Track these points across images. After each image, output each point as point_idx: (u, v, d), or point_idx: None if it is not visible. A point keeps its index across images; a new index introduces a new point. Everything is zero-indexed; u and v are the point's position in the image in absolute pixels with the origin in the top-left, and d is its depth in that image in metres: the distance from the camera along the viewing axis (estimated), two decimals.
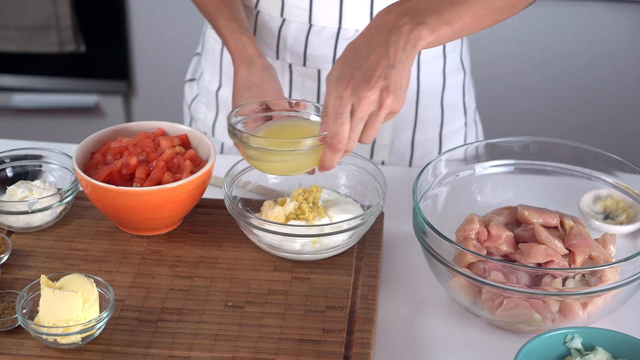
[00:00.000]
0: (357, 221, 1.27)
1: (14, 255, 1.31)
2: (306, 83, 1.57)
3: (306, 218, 1.30)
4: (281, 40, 1.55)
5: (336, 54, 1.54)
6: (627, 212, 1.38)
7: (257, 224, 1.26)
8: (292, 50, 1.55)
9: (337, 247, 1.29)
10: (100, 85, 2.95)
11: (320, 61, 1.55)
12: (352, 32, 1.52)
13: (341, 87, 1.15)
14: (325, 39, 1.53)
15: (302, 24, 1.53)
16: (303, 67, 1.56)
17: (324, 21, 1.52)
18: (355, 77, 1.15)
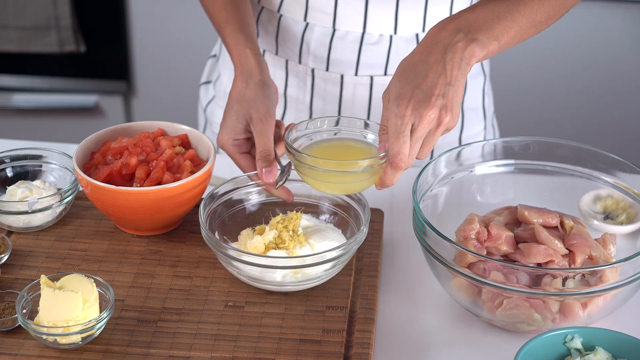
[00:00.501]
0: (340, 250, 1.22)
1: (14, 255, 1.31)
2: (328, 88, 1.57)
3: (286, 247, 1.26)
4: (304, 45, 1.54)
5: (360, 59, 1.53)
6: (627, 212, 1.38)
7: (235, 256, 1.21)
8: (315, 55, 1.54)
9: (320, 277, 1.23)
10: (100, 85, 2.95)
11: (344, 66, 1.54)
12: (376, 37, 1.52)
13: (402, 105, 1.16)
14: (349, 44, 1.53)
15: (325, 28, 1.52)
16: (326, 72, 1.55)
17: (348, 25, 1.51)
18: (415, 95, 1.16)
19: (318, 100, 1.58)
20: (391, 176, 1.18)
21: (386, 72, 1.55)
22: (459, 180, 1.38)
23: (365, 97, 1.56)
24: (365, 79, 1.55)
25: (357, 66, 1.54)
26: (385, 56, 1.53)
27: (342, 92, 1.56)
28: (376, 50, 1.53)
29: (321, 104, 1.58)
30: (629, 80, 2.74)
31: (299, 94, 1.59)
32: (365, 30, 1.51)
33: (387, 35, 1.52)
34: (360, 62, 1.53)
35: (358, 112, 1.58)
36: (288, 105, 1.61)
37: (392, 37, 1.52)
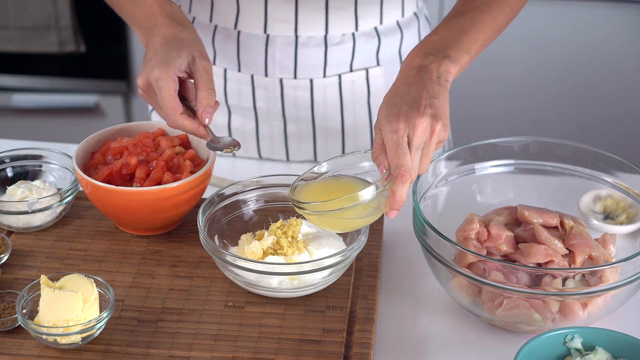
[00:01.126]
0: (338, 258, 1.21)
1: (14, 255, 1.31)
2: (298, 94, 1.57)
3: (285, 253, 1.25)
4: (269, 57, 1.54)
5: (327, 60, 1.54)
6: (627, 212, 1.38)
7: (231, 261, 1.21)
8: (282, 65, 1.54)
9: (317, 284, 1.22)
10: (100, 85, 2.95)
11: (312, 70, 1.55)
12: (338, 37, 1.53)
13: (394, 121, 1.18)
14: (313, 49, 1.53)
15: (288, 37, 1.52)
16: (294, 79, 1.56)
17: (310, 31, 1.52)
18: (403, 110, 1.18)
19: (290, 107, 1.58)
20: (400, 191, 1.18)
21: (352, 69, 1.56)
22: (459, 180, 1.38)
23: (336, 96, 1.57)
24: (334, 79, 1.56)
25: (325, 68, 1.55)
26: (350, 54, 1.55)
27: (313, 96, 1.57)
28: (340, 49, 1.54)
29: (293, 110, 1.58)
30: (629, 80, 2.74)
31: (269, 105, 1.59)
32: (327, 33, 1.52)
33: (349, 33, 1.53)
34: (327, 63, 1.54)
35: (331, 112, 1.58)
36: (260, 118, 1.60)
37: (354, 35, 1.54)
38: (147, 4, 1.36)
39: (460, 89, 2.76)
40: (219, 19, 1.55)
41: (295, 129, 1.60)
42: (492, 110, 2.80)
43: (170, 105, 1.28)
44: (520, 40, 2.71)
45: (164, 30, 1.32)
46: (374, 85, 1.58)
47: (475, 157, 1.39)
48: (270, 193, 1.35)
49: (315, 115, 1.58)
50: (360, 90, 1.58)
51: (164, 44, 1.31)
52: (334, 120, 1.59)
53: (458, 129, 2.28)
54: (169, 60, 1.29)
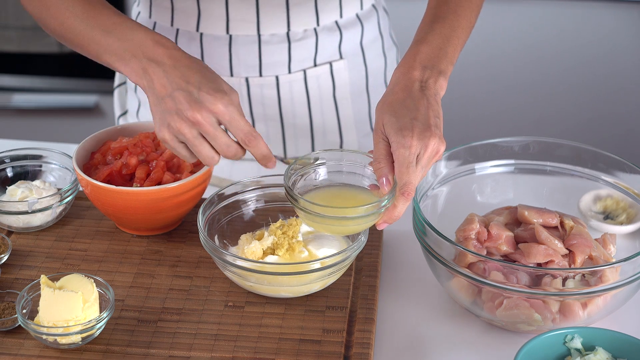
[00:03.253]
0: (338, 258, 1.21)
1: (14, 255, 1.31)
2: (265, 92, 1.57)
3: (284, 253, 1.25)
4: (233, 57, 1.54)
5: (291, 56, 1.55)
6: (627, 212, 1.38)
7: (231, 261, 1.20)
8: (247, 64, 1.55)
9: (317, 284, 1.22)
10: (100, 85, 2.95)
11: (277, 67, 1.56)
12: (301, 33, 1.54)
13: (407, 136, 1.17)
14: (277, 45, 1.54)
15: (250, 36, 1.53)
16: (260, 77, 1.56)
17: (272, 29, 1.53)
18: (416, 126, 1.18)
19: (257, 106, 1.58)
20: (402, 207, 1.18)
21: (316, 63, 1.57)
22: (459, 180, 1.38)
23: (302, 92, 1.58)
24: (299, 75, 1.57)
25: (289, 64, 1.55)
26: (313, 49, 1.56)
27: (280, 93, 1.57)
28: (304, 45, 1.55)
29: (261, 109, 1.58)
30: (629, 80, 2.74)
31: None
32: (290, 29, 1.53)
33: (311, 29, 1.54)
34: (292, 59, 1.55)
35: (298, 109, 1.59)
36: None
37: (316, 29, 1.55)
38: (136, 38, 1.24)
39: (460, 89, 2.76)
40: (180, 22, 1.54)
41: (264, 129, 1.60)
42: (492, 110, 2.80)
43: (248, 129, 1.20)
44: (520, 40, 2.71)
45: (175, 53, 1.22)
46: (339, 79, 1.59)
47: (475, 157, 1.39)
48: (270, 193, 1.35)
49: (283, 113, 1.59)
50: (325, 85, 1.59)
51: (200, 71, 1.20)
52: (302, 117, 1.60)
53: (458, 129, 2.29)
54: (222, 85, 1.20)
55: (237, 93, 1.21)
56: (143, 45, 1.22)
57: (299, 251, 1.25)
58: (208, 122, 1.18)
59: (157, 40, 1.23)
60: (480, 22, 2.78)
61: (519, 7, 2.69)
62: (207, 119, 1.18)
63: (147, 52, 1.22)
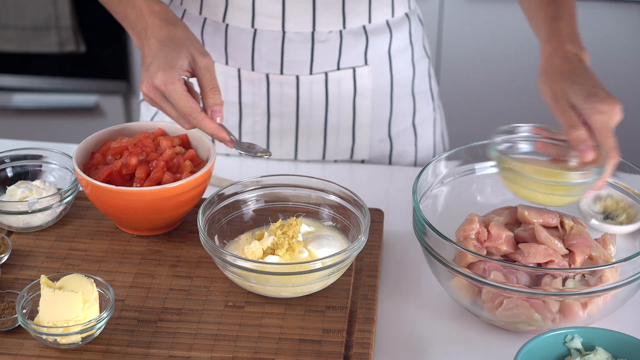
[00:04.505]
0: (338, 258, 1.21)
1: (14, 255, 1.31)
2: (285, 90, 1.57)
3: (284, 253, 1.24)
4: (256, 52, 1.54)
5: (313, 57, 1.54)
6: (627, 212, 1.38)
7: (231, 261, 1.20)
8: (268, 60, 1.54)
9: (317, 284, 1.22)
10: (100, 85, 2.95)
11: (298, 67, 1.55)
12: (325, 34, 1.53)
13: (597, 102, 1.23)
14: (300, 45, 1.53)
15: (275, 32, 1.52)
16: (280, 75, 1.56)
17: (297, 27, 1.52)
18: (600, 93, 1.24)
19: (275, 104, 1.58)
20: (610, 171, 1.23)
21: (339, 67, 1.56)
22: (459, 180, 1.38)
23: (322, 94, 1.57)
24: (320, 77, 1.56)
25: (312, 65, 1.55)
26: (338, 51, 1.55)
27: (299, 93, 1.57)
28: (327, 46, 1.54)
29: (279, 107, 1.58)
30: (629, 80, 2.74)
31: (254, 100, 1.59)
32: (315, 29, 1.52)
33: (336, 31, 1.53)
34: (314, 60, 1.54)
35: (316, 110, 1.58)
36: (243, 112, 1.60)
37: (342, 32, 1.54)
38: (136, 5, 1.36)
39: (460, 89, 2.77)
40: (208, 12, 1.55)
41: (279, 125, 1.60)
42: (492, 110, 2.80)
43: (187, 105, 1.27)
44: (520, 40, 2.71)
45: (156, 32, 1.31)
46: (361, 85, 1.58)
47: (475, 157, 1.39)
48: (270, 193, 1.35)
49: (300, 112, 1.59)
50: (346, 89, 1.58)
51: (160, 47, 1.30)
52: (318, 117, 1.59)
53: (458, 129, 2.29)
54: (170, 62, 1.28)
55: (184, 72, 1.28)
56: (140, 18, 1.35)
57: (299, 251, 1.25)
58: (153, 95, 1.29)
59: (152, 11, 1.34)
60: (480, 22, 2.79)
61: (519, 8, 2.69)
62: (150, 93, 1.29)
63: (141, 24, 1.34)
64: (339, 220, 1.33)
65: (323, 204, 1.34)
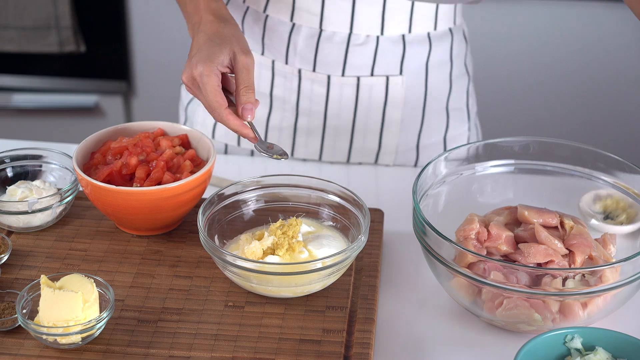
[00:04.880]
0: (338, 258, 1.21)
1: (14, 255, 1.31)
2: (315, 88, 1.57)
3: (284, 253, 1.24)
4: (291, 45, 1.55)
5: (347, 60, 1.54)
6: (627, 212, 1.38)
7: (231, 261, 1.20)
8: (302, 56, 1.55)
9: (317, 284, 1.22)
10: (100, 85, 2.95)
11: (330, 67, 1.55)
12: (362, 37, 1.52)
13: None
14: (336, 45, 1.53)
15: (312, 29, 1.52)
16: (312, 72, 1.55)
17: (335, 26, 1.52)
18: None
19: (305, 100, 1.58)
20: None
21: (373, 73, 1.55)
22: (459, 180, 1.38)
23: (352, 97, 1.57)
24: (352, 80, 1.55)
25: (344, 67, 1.54)
26: (372, 57, 1.54)
27: (329, 93, 1.56)
28: (363, 51, 1.53)
29: (308, 104, 1.58)
30: (629, 80, 2.74)
31: (285, 95, 1.59)
32: (352, 31, 1.52)
33: (373, 36, 1.52)
34: (347, 63, 1.54)
35: (344, 112, 1.58)
36: (274, 105, 1.60)
37: (379, 38, 1.53)
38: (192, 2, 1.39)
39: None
40: (250, 1, 1.56)
41: (306, 123, 1.60)
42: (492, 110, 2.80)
43: (215, 100, 1.29)
44: (520, 41, 2.71)
45: (207, 27, 1.35)
46: (393, 95, 1.57)
47: (475, 157, 1.39)
48: (270, 193, 1.35)
49: (328, 112, 1.58)
50: (378, 97, 1.57)
51: (207, 41, 1.32)
52: (346, 120, 1.59)
53: None
54: (212, 56, 1.30)
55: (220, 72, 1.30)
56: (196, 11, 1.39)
57: (299, 251, 1.25)
58: (190, 84, 1.32)
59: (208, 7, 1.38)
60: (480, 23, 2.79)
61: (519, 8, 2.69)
62: (188, 82, 1.32)
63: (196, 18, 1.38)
64: (339, 220, 1.33)
65: (323, 204, 1.34)
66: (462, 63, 1.64)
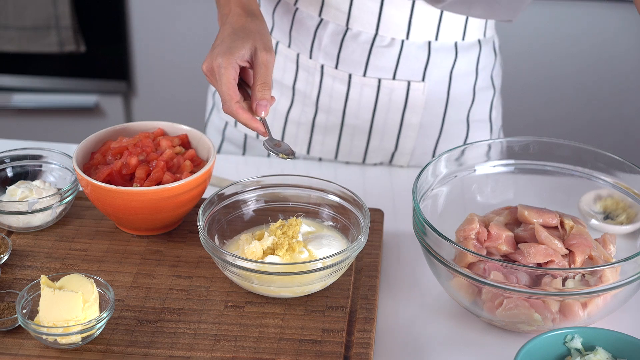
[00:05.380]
0: (338, 258, 1.21)
1: (14, 255, 1.31)
2: (336, 86, 1.57)
3: (284, 253, 1.24)
4: (316, 40, 1.55)
5: (369, 60, 1.53)
6: (627, 212, 1.38)
7: (231, 261, 1.20)
8: (326, 52, 1.55)
9: (317, 284, 1.22)
10: (100, 85, 2.95)
11: (353, 66, 1.54)
12: (388, 40, 1.52)
13: None
14: (360, 44, 1.53)
15: (339, 26, 1.53)
16: (335, 69, 1.55)
17: (361, 26, 1.52)
18: None
19: (325, 97, 1.58)
20: None
21: (395, 77, 1.55)
22: (459, 180, 1.38)
23: (372, 99, 1.56)
24: (373, 81, 1.55)
25: (366, 67, 1.54)
26: (395, 60, 1.53)
27: (349, 92, 1.56)
28: (386, 53, 1.53)
29: (327, 100, 1.58)
30: (629, 80, 2.74)
31: (306, 89, 1.59)
32: (377, 33, 1.52)
33: (399, 39, 1.52)
34: (370, 63, 1.54)
35: (363, 112, 1.58)
36: (295, 99, 1.61)
37: (404, 42, 1.52)
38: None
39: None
40: None
41: (324, 120, 1.60)
42: None
43: (228, 92, 1.30)
44: (520, 41, 2.71)
45: (234, 19, 1.36)
46: (413, 100, 1.56)
47: (475, 157, 1.39)
48: (270, 193, 1.35)
49: (347, 111, 1.58)
50: (398, 101, 1.56)
51: (231, 34, 1.33)
52: (364, 120, 1.59)
53: None
54: (233, 49, 1.31)
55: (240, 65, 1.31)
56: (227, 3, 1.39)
57: (299, 251, 1.25)
58: (209, 74, 1.32)
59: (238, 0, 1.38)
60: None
61: None
62: (208, 72, 1.32)
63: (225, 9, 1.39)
64: (339, 220, 1.33)
65: (323, 204, 1.34)
66: (488, 75, 1.63)
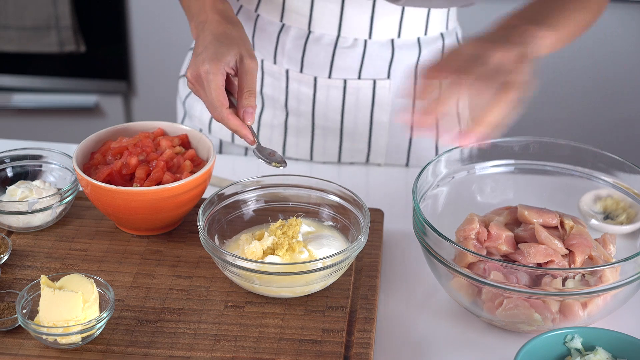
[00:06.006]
0: (338, 258, 1.20)
1: (14, 255, 1.31)
2: (302, 89, 1.57)
3: (284, 253, 1.24)
4: (279, 46, 1.55)
5: (333, 62, 1.54)
6: (627, 212, 1.38)
7: (231, 261, 1.20)
8: (290, 56, 1.55)
9: (317, 284, 1.22)
10: (100, 85, 2.95)
11: (317, 68, 1.55)
12: (350, 40, 1.52)
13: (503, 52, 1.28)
14: (323, 47, 1.53)
15: (301, 30, 1.53)
16: (300, 73, 1.56)
17: (323, 28, 1.52)
18: None
19: (293, 101, 1.58)
20: None
21: (360, 76, 1.55)
22: (459, 180, 1.38)
23: (339, 99, 1.57)
24: (339, 82, 1.55)
25: (331, 69, 1.54)
26: (360, 60, 1.53)
27: (316, 94, 1.56)
28: (350, 54, 1.53)
29: (296, 104, 1.58)
30: (629, 80, 2.74)
31: (274, 94, 1.59)
32: (340, 34, 1.52)
33: (361, 39, 1.52)
34: (334, 65, 1.54)
35: (332, 114, 1.58)
36: (265, 103, 1.61)
37: (367, 42, 1.52)
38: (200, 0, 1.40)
39: None
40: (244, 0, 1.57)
41: (296, 122, 1.60)
42: None
43: (218, 99, 1.29)
44: None
45: (214, 26, 1.35)
46: (380, 98, 1.56)
47: (475, 157, 1.39)
48: (270, 193, 1.35)
49: (316, 113, 1.58)
50: (365, 100, 1.56)
51: (213, 40, 1.33)
52: (334, 122, 1.59)
53: None
54: (219, 55, 1.31)
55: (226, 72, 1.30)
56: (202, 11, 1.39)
57: (299, 251, 1.25)
58: (194, 81, 1.32)
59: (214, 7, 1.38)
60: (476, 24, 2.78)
61: None
62: (193, 79, 1.32)
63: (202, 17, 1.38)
64: (339, 220, 1.33)
65: (323, 204, 1.34)
66: None
